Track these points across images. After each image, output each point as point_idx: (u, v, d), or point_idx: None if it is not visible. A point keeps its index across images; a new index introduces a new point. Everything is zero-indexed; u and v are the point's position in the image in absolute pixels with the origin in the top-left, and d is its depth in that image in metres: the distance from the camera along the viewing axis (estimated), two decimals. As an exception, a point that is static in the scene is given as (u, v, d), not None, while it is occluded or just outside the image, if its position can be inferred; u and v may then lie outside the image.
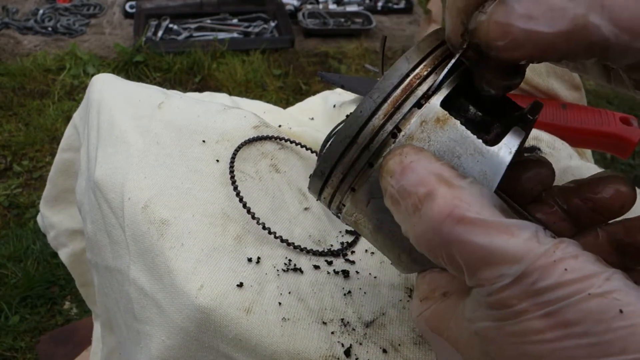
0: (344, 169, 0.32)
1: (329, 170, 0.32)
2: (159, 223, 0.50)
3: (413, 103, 0.30)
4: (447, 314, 0.29)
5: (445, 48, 0.32)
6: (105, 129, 0.61)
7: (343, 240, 0.56)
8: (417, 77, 0.31)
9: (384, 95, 0.30)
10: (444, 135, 0.30)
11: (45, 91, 2.62)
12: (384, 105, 0.30)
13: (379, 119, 0.30)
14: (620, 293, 0.24)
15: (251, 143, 0.60)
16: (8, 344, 1.56)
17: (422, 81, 0.31)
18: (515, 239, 0.25)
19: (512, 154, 0.30)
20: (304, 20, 3.18)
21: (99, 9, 3.27)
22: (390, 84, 0.30)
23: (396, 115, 0.30)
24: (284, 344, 0.44)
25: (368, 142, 0.31)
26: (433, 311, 0.30)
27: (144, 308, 0.49)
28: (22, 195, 2.07)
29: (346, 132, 0.31)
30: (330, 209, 0.35)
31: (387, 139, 0.31)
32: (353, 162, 0.32)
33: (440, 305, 0.29)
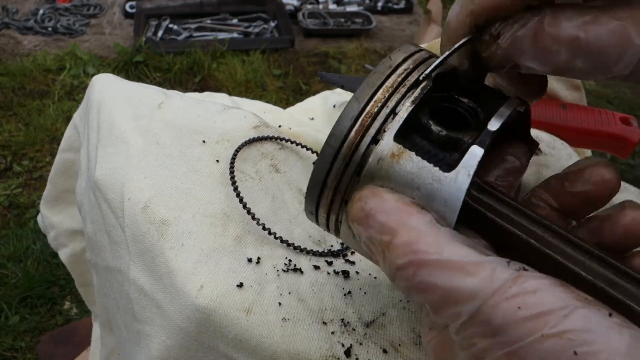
0: (327, 204, 0.33)
1: (315, 208, 0.34)
2: (159, 223, 0.50)
3: (368, 142, 0.31)
4: (447, 347, 0.28)
5: (397, 76, 0.33)
6: (105, 129, 0.61)
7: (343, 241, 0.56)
8: (368, 116, 0.32)
9: (339, 142, 0.32)
10: (401, 169, 0.30)
11: (45, 91, 2.62)
12: (341, 151, 0.32)
13: (339, 162, 0.32)
14: (575, 333, 0.22)
15: (251, 143, 0.60)
16: (8, 344, 1.56)
17: (374, 118, 0.32)
18: (472, 277, 0.24)
19: (471, 176, 0.29)
20: (304, 20, 3.18)
21: (99, 9, 3.27)
22: (343, 128, 0.32)
23: (355, 156, 0.32)
24: (284, 344, 0.44)
25: (336, 184, 0.32)
26: (439, 340, 0.29)
27: (143, 308, 0.49)
28: (22, 195, 2.07)
29: (316, 177, 0.33)
30: (329, 230, 0.36)
31: (353, 179, 0.32)
32: (330, 203, 0.33)
33: (443, 336, 0.28)
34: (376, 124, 0.31)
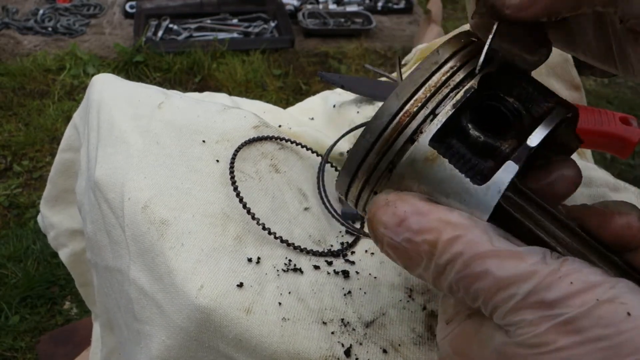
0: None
1: (354, 171, 0.34)
2: (159, 223, 0.50)
3: (404, 141, 0.31)
4: (471, 334, 0.30)
5: (441, 74, 0.32)
6: (105, 129, 0.61)
7: (343, 241, 0.56)
8: (406, 115, 0.31)
9: (375, 137, 0.32)
10: (434, 174, 0.30)
11: (45, 91, 2.62)
12: (375, 146, 0.32)
13: (372, 157, 0.32)
14: (626, 298, 0.25)
15: (251, 143, 0.60)
16: (8, 344, 1.56)
17: (413, 118, 0.31)
18: (524, 263, 0.27)
19: (501, 193, 0.29)
20: (304, 20, 3.18)
21: (99, 9, 3.27)
22: (380, 123, 0.32)
23: (388, 154, 0.32)
24: (284, 344, 0.44)
25: (367, 177, 0.32)
26: (458, 332, 0.30)
27: (144, 308, 0.49)
28: (22, 195, 2.07)
29: (348, 168, 0.33)
30: (358, 208, 0.36)
31: (384, 174, 0.32)
32: (359, 192, 0.34)
33: (464, 326, 0.30)
34: (414, 124, 0.31)
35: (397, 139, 0.31)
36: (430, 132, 0.31)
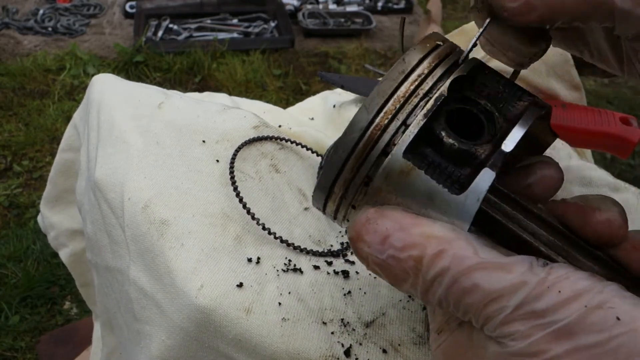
0: (333, 208, 0.33)
1: (322, 207, 0.34)
2: (159, 223, 0.50)
3: (377, 155, 0.31)
4: (463, 343, 0.29)
5: (409, 84, 0.31)
6: (105, 129, 0.61)
7: (343, 241, 0.56)
8: (377, 128, 0.31)
9: (347, 152, 0.31)
10: (410, 186, 0.30)
11: (45, 91, 2.62)
12: (349, 162, 0.31)
13: (347, 172, 0.31)
14: (614, 302, 0.25)
15: (251, 143, 0.60)
16: (8, 344, 1.56)
17: (384, 131, 0.30)
18: (511, 274, 0.27)
19: (480, 201, 0.29)
20: (304, 20, 3.18)
21: (99, 9, 3.27)
22: (351, 139, 0.31)
23: (362, 169, 0.31)
24: (284, 344, 0.44)
25: (343, 193, 0.32)
26: (450, 342, 0.30)
27: (144, 308, 0.49)
28: (22, 195, 2.07)
29: (323, 184, 0.33)
30: (336, 222, 0.35)
31: (361, 189, 0.31)
32: (337, 207, 0.33)
33: (456, 336, 0.30)
34: (386, 137, 0.30)
35: (370, 152, 0.31)
36: (403, 144, 0.30)
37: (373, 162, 0.31)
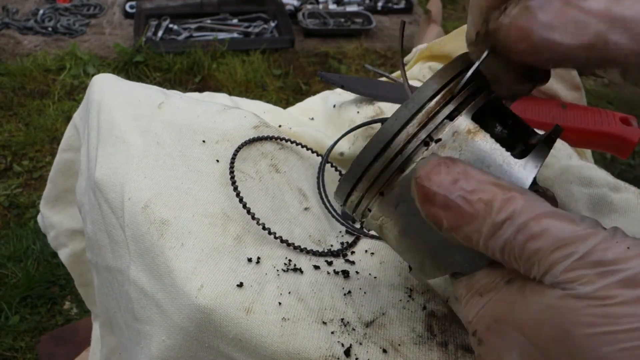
0: (375, 172, 0.34)
1: (361, 173, 0.34)
2: (159, 223, 0.50)
3: (445, 115, 0.33)
4: (512, 297, 0.29)
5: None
6: (105, 129, 0.61)
7: (343, 241, 0.56)
8: (449, 92, 0.33)
9: (419, 106, 0.33)
10: (475, 146, 0.32)
11: (45, 91, 2.62)
12: (418, 115, 0.33)
13: (413, 127, 0.33)
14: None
15: (251, 143, 0.60)
16: (8, 344, 1.56)
17: (454, 97, 0.33)
18: (580, 226, 0.28)
19: (538, 169, 0.32)
20: (304, 20, 3.18)
21: (99, 9, 3.27)
22: (424, 96, 0.33)
23: (429, 124, 0.33)
24: (284, 344, 0.44)
25: (401, 148, 0.33)
26: (497, 299, 0.30)
27: (144, 308, 0.49)
28: (22, 195, 2.07)
29: (381, 138, 0.33)
30: (355, 214, 0.37)
31: (420, 147, 0.33)
32: (385, 166, 0.34)
33: (504, 292, 0.30)
34: (454, 102, 0.33)
35: (439, 112, 0.33)
36: (472, 110, 0.33)
37: (441, 120, 0.33)
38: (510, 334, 0.29)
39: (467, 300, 0.32)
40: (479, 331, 0.31)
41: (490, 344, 0.30)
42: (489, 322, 0.30)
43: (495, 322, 0.30)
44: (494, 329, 0.30)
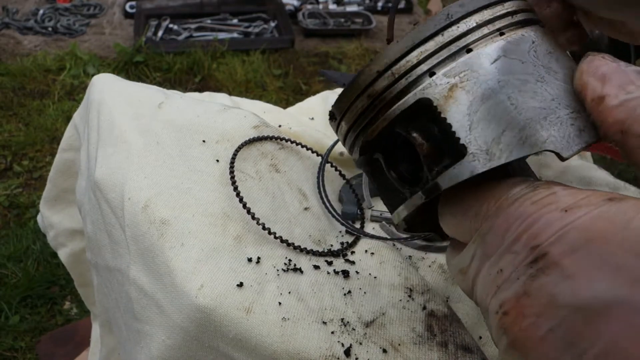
0: (475, 20, 0.31)
1: (459, 16, 0.31)
2: (159, 223, 0.50)
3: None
4: (624, 215, 0.23)
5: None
6: (105, 129, 0.61)
7: (343, 241, 0.56)
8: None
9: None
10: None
11: (45, 91, 2.62)
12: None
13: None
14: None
15: (251, 143, 0.60)
16: (8, 344, 1.56)
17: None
18: None
19: None
20: (304, 20, 3.18)
21: (99, 9, 3.27)
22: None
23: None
24: (284, 344, 0.44)
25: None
26: (596, 216, 0.24)
27: (144, 308, 0.49)
28: (22, 195, 2.07)
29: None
30: (420, 67, 0.31)
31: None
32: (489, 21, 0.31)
33: (608, 208, 0.24)
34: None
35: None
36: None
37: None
38: (614, 257, 0.22)
39: (535, 219, 0.25)
40: (552, 254, 0.24)
41: (567, 271, 0.23)
42: (577, 242, 0.23)
43: (589, 241, 0.23)
44: (583, 250, 0.23)
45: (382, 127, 0.32)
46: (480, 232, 0.27)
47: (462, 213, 0.29)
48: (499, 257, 0.26)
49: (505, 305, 0.25)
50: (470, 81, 0.29)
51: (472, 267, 0.28)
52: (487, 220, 0.27)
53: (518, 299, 0.24)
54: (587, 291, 0.22)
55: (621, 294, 0.21)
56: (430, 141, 0.30)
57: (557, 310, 0.23)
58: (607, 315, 0.22)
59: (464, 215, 0.29)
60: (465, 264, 0.28)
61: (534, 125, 0.28)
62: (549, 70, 0.30)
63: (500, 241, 0.26)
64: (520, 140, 0.28)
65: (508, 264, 0.25)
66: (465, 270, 0.28)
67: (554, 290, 0.23)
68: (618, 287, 0.22)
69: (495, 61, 0.29)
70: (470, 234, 0.29)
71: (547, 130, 0.28)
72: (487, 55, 0.30)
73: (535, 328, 0.23)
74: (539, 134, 0.28)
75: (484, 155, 0.28)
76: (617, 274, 0.22)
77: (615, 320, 0.21)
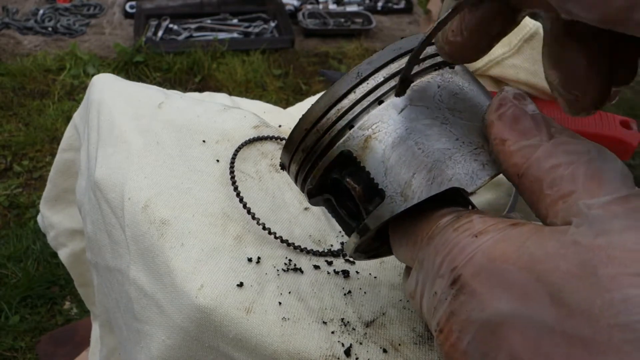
0: (382, 75, 0.34)
1: (368, 73, 0.34)
2: (159, 223, 0.50)
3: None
4: (521, 238, 0.26)
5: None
6: (105, 129, 0.61)
7: (343, 241, 0.56)
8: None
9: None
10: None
11: (45, 91, 2.62)
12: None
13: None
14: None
15: (251, 143, 0.60)
16: (8, 344, 1.56)
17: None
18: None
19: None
20: (304, 20, 3.18)
21: (99, 9, 3.27)
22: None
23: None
24: (284, 344, 0.44)
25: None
26: (499, 239, 0.26)
27: (144, 308, 0.49)
28: (22, 195, 2.07)
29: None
30: (339, 123, 0.34)
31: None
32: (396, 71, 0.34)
33: (510, 232, 0.26)
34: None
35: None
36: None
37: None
38: (509, 274, 0.25)
39: (454, 245, 0.28)
40: (464, 276, 0.26)
41: (475, 290, 0.26)
42: (482, 263, 0.26)
43: (491, 261, 0.26)
44: (486, 270, 0.26)
45: (319, 175, 0.36)
46: (418, 258, 0.30)
47: (406, 242, 0.32)
48: (433, 281, 0.29)
49: (440, 324, 0.27)
50: (381, 132, 0.33)
51: (417, 291, 0.30)
52: (422, 249, 0.30)
53: (447, 318, 0.27)
54: (490, 307, 0.25)
55: (514, 307, 0.24)
56: (361, 184, 0.34)
57: (471, 325, 0.26)
58: (507, 327, 0.24)
59: (407, 244, 0.32)
60: (412, 289, 0.31)
61: (439, 166, 0.31)
62: (454, 111, 0.33)
63: (431, 266, 0.29)
64: (428, 181, 0.31)
65: (438, 287, 0.28)
66: (413, 294, 0.31)
67: (468, 307, 0.26)
68: (512, 301, 0.24)
69: (402, 110, 0.33)
70: (414, 261, 0.31)
71: (452, 169, 0.31)
72: (395, 105, 0.33)
73: (460, 342, 0.26)
74: (445, 173, 0.31)
75: (400, 197, 0.32)
76: (511, 289, 0.25)
77: (512, 332, 0.24)
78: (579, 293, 0.23)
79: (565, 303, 0.23)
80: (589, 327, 0.22)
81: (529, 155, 0.28)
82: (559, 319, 0.23)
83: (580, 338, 0.22)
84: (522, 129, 0.29)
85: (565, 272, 0.23)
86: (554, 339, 0.23)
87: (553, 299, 0.23)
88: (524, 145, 0.29)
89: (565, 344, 0.23)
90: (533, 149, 0.28)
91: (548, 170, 0.27)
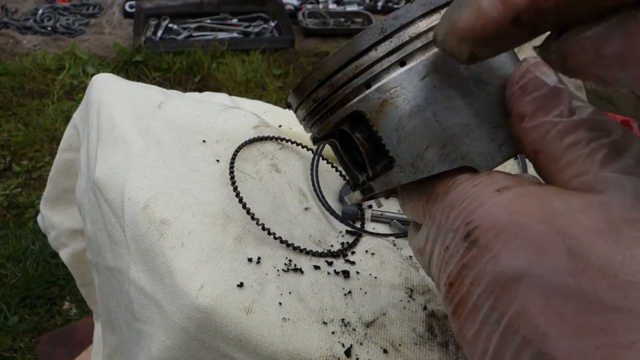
0: (409, 34, 0.31)
1: (393, 30, 0.31)
2: (159, 223, 0.50)
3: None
4: (545, 194, 0.25)
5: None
6: (105, 129, 0.61)
7: (343, 241, 0.56)
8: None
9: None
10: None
11: (44, 91, 2.62)
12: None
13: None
14: None
15: (251, 143, 0.60)
16: (7, 344, 1.56)
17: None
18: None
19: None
20: (304, 20, 3.18)
21: (99, 8, 3.27)
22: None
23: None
24: (284, 344, 0.44)
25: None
26: (521, 194, 0.26)
27: (144, 308, 0.49)
28: (22, 195, 2.07)
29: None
30: (355, 81, 0.32)
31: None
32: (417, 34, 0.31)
33: (534, 189, 0.26)
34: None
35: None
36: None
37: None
38: (527, 227, 0.24)
39: (473, 199, 0.27)
40: (480, 228, 0.26)
41: (489, 243, 0.25)
42: (500, 216, 0.25)
43: (510, 214, 0.25)
44: (503, 223, 0.25)
45: (328, 127, 0.34)
46: (431, 214, 0.30)
47: (418, 198, 0.32)
48: (445, 236, 0.28)
49: (450, 277, 0.27)
50: (399, 97, 0.31)
51: (427, 247, 0.30)
52: (436, 203, 0.30)
53: (459, 271, 0.26)
54: (504, 260, 0.24)
55: (529, 261, 0.24)
56: (370, 142, 0.33)
57: (483, 278, 0.25)
58: (519, 281, 0.24)
59: (419, 199, 0.32)
60: (422, 245, 0.31)
61: (455, 142, 0.30)
62: (478, 82, 0.31)
63: (445, 221, 0.28)
64: (441, 157, 0.30)
65: (451, 241, 0.27)
66: (422, 250, 0.31)
67: (482, 260, 0.25)
68: (528, 254, 0.24)
69: (425, 77, 0.31)
70: (425, 217, 0.31)
71: (467, 147, 0.30)
72: (417, 71, 0.31)
73: (470, 295, 0.26)
74: (459, 150, 0.30)
75: (410, 168, 0.31)
76: (528, 242, 0.24)
77: (524, 286, 0.24)
78: (599, 247, 0.22)
79: (583, 256, 0.22)
80: (605, 281, 0.22)
81: (547, 132, 0.27)
82: (575, 273, 0.22)
83: (594, 293, 0.22)
84: (542, 104, 0.28)
85: (587, 226, 0.23)
86: (567, 294, 0.23)
87: (570, 252, 0.23)
88: (542, 122, 0.28)
89: (578, 299, 0.22)
90: (551, 126, 0.27)
91: (565, 149, 0.26)
